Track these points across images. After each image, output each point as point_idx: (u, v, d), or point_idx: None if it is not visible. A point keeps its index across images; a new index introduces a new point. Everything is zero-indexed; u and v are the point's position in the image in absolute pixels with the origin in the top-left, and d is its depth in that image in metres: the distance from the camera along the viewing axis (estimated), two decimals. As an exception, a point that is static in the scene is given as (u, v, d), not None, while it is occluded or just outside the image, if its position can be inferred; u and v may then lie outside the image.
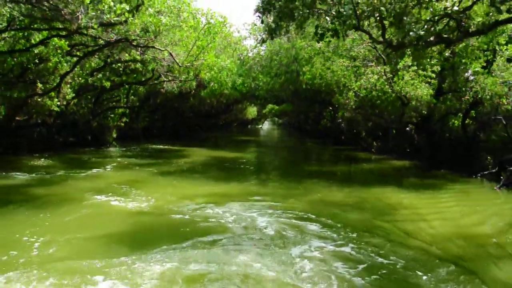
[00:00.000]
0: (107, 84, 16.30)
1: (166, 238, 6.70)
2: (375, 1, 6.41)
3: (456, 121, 16.95)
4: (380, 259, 5.91)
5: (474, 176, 13.81)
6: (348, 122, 25.51)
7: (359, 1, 6.49)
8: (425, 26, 7.04)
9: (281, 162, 21.11)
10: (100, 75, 17.56)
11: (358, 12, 6.26)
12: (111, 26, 9.07)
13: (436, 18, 7.06)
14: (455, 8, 7.14)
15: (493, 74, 14.25)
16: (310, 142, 34.60)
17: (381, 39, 8.01)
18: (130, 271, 5.21)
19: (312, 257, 5.88)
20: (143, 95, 25.27)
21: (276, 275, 5.24)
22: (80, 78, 16.88)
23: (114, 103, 21.43)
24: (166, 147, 23.70)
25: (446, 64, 14.94)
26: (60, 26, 9.50)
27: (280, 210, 8.61)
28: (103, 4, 7.48)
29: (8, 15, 9.32)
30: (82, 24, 7.75)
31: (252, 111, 48.82)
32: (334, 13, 6.23)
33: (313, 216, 8.08)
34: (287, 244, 6.45)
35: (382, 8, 6.07)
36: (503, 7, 6.45)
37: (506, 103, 13.29)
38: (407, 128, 19.96)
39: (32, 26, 9.79)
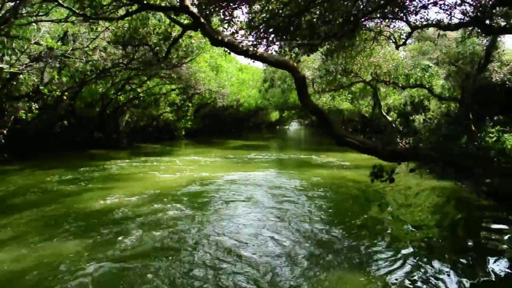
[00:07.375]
0: (190, 104, 29.88)
1: (233, 155, 19.87)
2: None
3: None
4: (283, 157, 18.86)
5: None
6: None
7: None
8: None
9: (289, 146, 34.16)
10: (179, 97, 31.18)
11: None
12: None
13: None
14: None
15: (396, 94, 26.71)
16: (319, 137, 47.37)
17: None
18: (233, 166, 18.37)
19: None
20: (197, 106, 38.83)
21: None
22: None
23: (184, 113, 35.05)
24: (215, 140, 37.21)
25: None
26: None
27: (277, 155, 21.76)
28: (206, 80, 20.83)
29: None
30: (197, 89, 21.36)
31: (274, 114, 62.08)
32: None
33: (285, 155, 21.11)
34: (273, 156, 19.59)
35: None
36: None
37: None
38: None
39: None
